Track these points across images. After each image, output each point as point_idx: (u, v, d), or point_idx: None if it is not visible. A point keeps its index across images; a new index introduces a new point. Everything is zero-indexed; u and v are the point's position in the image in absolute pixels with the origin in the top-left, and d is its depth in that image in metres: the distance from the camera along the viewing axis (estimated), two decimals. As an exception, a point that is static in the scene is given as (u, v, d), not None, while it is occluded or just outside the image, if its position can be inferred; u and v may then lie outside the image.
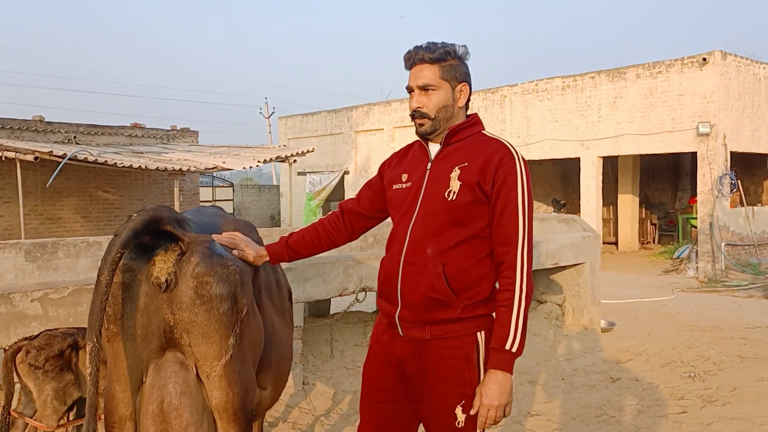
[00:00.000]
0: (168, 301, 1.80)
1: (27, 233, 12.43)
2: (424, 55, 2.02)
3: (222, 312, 1.83)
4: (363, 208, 2.29)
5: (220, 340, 1.83)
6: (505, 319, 1.93)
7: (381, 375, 2.13)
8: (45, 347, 2.50)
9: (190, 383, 1.84)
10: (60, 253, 5.08)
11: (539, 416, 4.29)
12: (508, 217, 1.95)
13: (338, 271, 4.48)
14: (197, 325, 1.80)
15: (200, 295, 1.80)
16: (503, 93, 15.97)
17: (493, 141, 2.05)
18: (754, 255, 12.96)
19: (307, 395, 4.44)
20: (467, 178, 1.97)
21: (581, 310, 6.47)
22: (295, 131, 22.32)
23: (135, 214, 1.81)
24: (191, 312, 1.80)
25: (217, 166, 12.62)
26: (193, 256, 1.82)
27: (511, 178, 1.96)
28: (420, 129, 2.08)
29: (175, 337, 1.82)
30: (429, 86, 2.03)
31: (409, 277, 2.01)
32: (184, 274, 1.80)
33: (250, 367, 2.00)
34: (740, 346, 6.03)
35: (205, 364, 1.83)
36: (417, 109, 2.05)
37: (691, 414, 4.28)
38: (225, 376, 1.85)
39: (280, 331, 2.42)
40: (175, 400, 1.81)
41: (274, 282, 2.54)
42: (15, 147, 11.25)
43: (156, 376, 1.83)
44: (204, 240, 1.88)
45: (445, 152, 2.06)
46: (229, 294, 1.85)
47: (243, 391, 1.91)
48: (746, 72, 13.00)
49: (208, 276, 1.81)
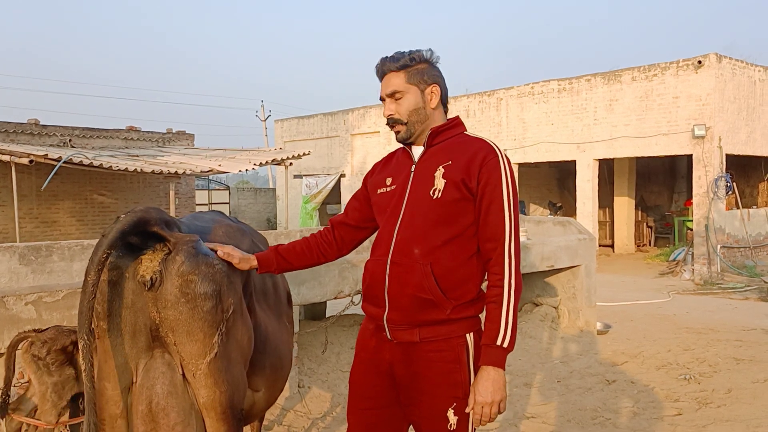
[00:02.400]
0: (154, 300, 1.82)
1: (22, 236, 12.39)
2: (390, 65, 2.09)
3: (206, 310, 1.84)
4: (351, 219, 2.31)
5: (204, 338, 1.85)
6: (495, 315, 1.94)
7: (369, 382, 2.11)
8: (49, 341, 2.55)
9: (176, 384, 1.86)
10: (54, 257, 5.07)
11: (535, 419, 4.29)
12: (494, 214, 1.97)
13: (333, 274, 4.47)
14: (182, 323, 1.83)
15: (184, 293, 1.82)
16: (499, 96, 15.99)
17: (476, 140, 2.07)
18: (750, 257, 12.99)
19: (303, 398, 4.43)
20: (452, 176, 1.98)
21: (577, 313, 6.47)
22: (292, 134, 22.33)
23: (123, 215, 1.83)
24: (176, 310, 1.82)
25: (213, 169, 12.59)
26: (179, 255, 1.84)
27: (496, 174, 1.98)
28: (398, 136, 2.12)
29: (161, 335, 1.84)
30: (396, 92, 2.08)
31: (396, 278, 2.00)
32: (169, 272, 1.83)
33: (238, 366, 2.00)
34: (736, 348, 6.04)
35: (190, 363, 1.85)
36: (389, 117, 2.10)
37: (687, 416, 4.28)
38: (210, 375, 1.86)
39: (276, 335, 2.41)
40: (163, 401, 1.84)
41: (271, 285, 2.53)
42: (10, 150, 11.20)
43: (145, 376, 1.86)
44: (190, 239, 1.89)
45: (429, 153, 2.08)
46: (214, 292, 1.86)
47: (230, 390, 1.92)
48: (741, 75, 13.04)
49: (193, 274, 1.83)
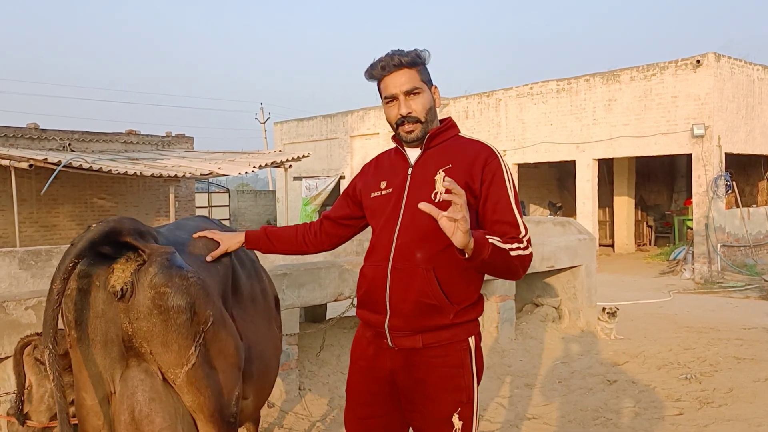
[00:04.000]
0: (125, 311, 1.77)
1: (22, 241, 12.38)
2: (400, 59, 1.98)
3: (180, 323, 1.79)
4: (334, 213, 2.31)
5: (179, 350, 1.80)
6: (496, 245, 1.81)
7: (367, 390, 2.09)
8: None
9: (158, 389, 1.82)
10: (54, 261, 5.07)
11: (536, 419, 4.28)
12: (502, 210, 1.96)
13: (333, 276, 4.47)
14: (155, 335, 1.78)
15: (157, 306, 1.77)
16: (498, 96, 15.99)
17: (474, 142, 2.07)
18: (750, 256, 12.98)
19: (303, 400, 4.43)
20: (454, 179, 1.90)
21: (577, 313, 6.47)
22: (291, 136, 22.33)
23: (95, 224, 1.79)
24: (148, 322, 1.77)
25: (213, 171, 12.59)
26: (152, 267, 1.79)
27: (499, 174, 1.98)
28: (410, 136, 2.02)
29: (135, 345, 1.80)
30: (415, 89, 1.98)
31: (399, 284, 1.97)
32: (142, 284, 1.77)
33: (225, 373, 1.96)
34: (736, 347, 6.03)
35: (168, 371, 1.82)
36: (408, 115, 1.99)
37: (688, 416, 4.27)
38: (191, 383, 1.83)
39: (263, 342, 2.38)
40: (146, 408, 1.80)
41: (259, 291, 2.50)
42: (9, 154, 11.21)
43: (124, 386, 1.81)
44: (164, 251, 1.84)
45: (426, 156, 2.05)
46: (188, 305, 1.81)
47: (215, 395, 1.89)
48: (740, 74, 13.04)
49: (165, 287, 1.78)
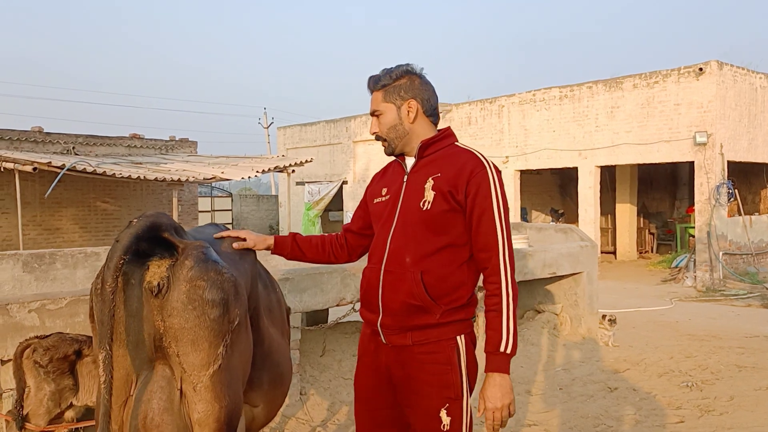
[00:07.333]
0: (159, 308, 1.77)
1: (25, 244, 12.42)
2: (371, 85, 2.21)
3: (213, 318, 1.79)
4: (354, 225, 2.43)
5: (209, 348, 1.79)
6: (496, 322, 2.01)
7: (371, 384, 2.20)
8: (52, 348, 2.52)
9: (173, 400, 1.80)
10: (58, 264, 5.09)
11: (537, 426, 4.29)
12: (486, 225, 2.03)
13: (335, 281, 4.49)
14: (186, 331, 1.77)
15: (192, 300, 1.77)
16: (501, 103, 16.02)
17: (464, 152, 2.14)
18: (752, 264, 12.97)
19: (304, 405, 4.44)
20: (440, 188, 2.06)
21: (579, 320, 6.47)
22: (294, 141, 22.38)
23: (135, 219, 1.80)
24: (182, 317, 1.76)
25: (216, 176, 12.63)
26: (188, 260, 1.80)
27: (485, 186, 2.04)
28: (385, 151, 2.26)
29: (164, 345, 1.79)
30: (376, 111, 2.22)
31: (389, 286, 2.10)
32: (177, 278, 1.77)
33: (238, 383, 1.96)
34: (738, 355, 6.03)
35: (192, 374, 1.79)
36: (374, 134, 2.25)
37: (689, 423, 4.27)
38: (212, 388, 1.80)
39: (279, 352, 2.39)
40: (158, 417, 1.78)
41: (275, 301, 2.53)
42: (14, 158, 11.24)
43: (143, 389, 1.80)
44: (199, 245, 1.85)
45: (420, 165, 2.17)
46: (222, 300, 1.81)
47: (230, 406, 1.86)
48: (742, 81, 13.06)
49: (201, 280, 1.78)
